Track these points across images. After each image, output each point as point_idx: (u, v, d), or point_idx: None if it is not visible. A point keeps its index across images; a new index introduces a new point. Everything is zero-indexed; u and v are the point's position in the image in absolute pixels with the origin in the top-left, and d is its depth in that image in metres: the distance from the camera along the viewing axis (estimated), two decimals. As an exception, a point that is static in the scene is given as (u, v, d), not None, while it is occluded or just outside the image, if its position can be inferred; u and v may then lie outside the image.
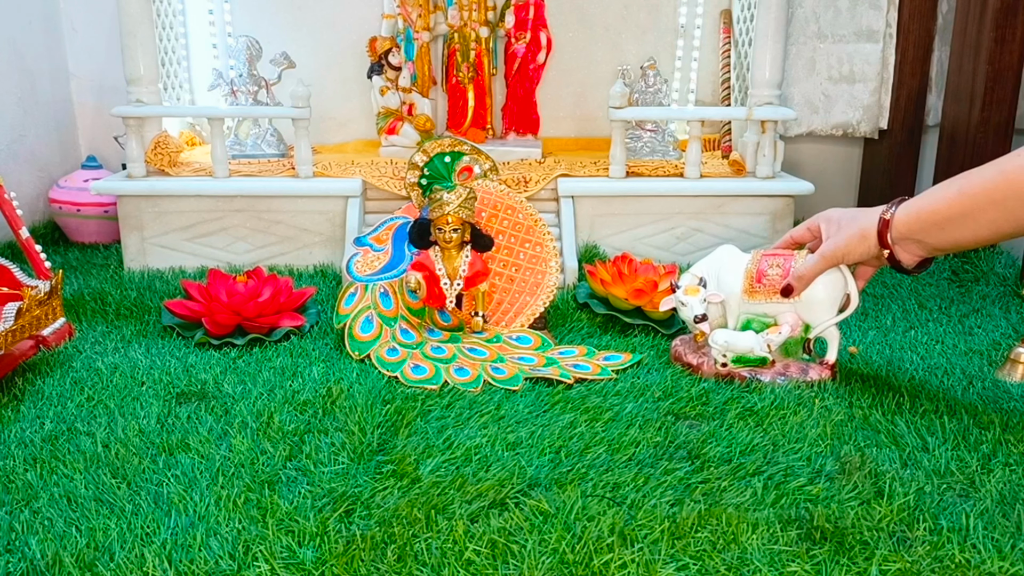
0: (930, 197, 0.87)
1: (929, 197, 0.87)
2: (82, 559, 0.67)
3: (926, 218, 0.86)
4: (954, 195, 0.83)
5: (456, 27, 1.72)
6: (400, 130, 1.66)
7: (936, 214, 0.85)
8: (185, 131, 1.81)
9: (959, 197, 0.83)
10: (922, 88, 1.86)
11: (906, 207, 0.89)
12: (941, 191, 0.86)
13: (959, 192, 0.83)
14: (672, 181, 1.55)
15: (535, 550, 0.68)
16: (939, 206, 0.85)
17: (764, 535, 0.71)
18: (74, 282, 1.43)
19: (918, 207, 0.88)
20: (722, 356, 1.04)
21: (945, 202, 0.84)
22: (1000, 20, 1.55)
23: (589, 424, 0.92)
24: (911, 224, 0.88)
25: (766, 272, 1.03)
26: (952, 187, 0.84)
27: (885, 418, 0.94)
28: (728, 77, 1.78)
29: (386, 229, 1.30)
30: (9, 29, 1.69)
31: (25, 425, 0.91)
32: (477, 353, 1.14)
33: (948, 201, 0.84)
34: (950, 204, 0.84)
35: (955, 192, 0.83)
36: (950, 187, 0.85)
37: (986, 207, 0.81)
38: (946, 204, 0.84)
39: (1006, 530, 0.72)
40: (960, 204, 0.83)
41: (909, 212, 0.88)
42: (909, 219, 0.88)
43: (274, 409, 0.94)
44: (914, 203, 0.88)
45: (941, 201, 0.85)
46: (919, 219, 0.87)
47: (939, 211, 0.85)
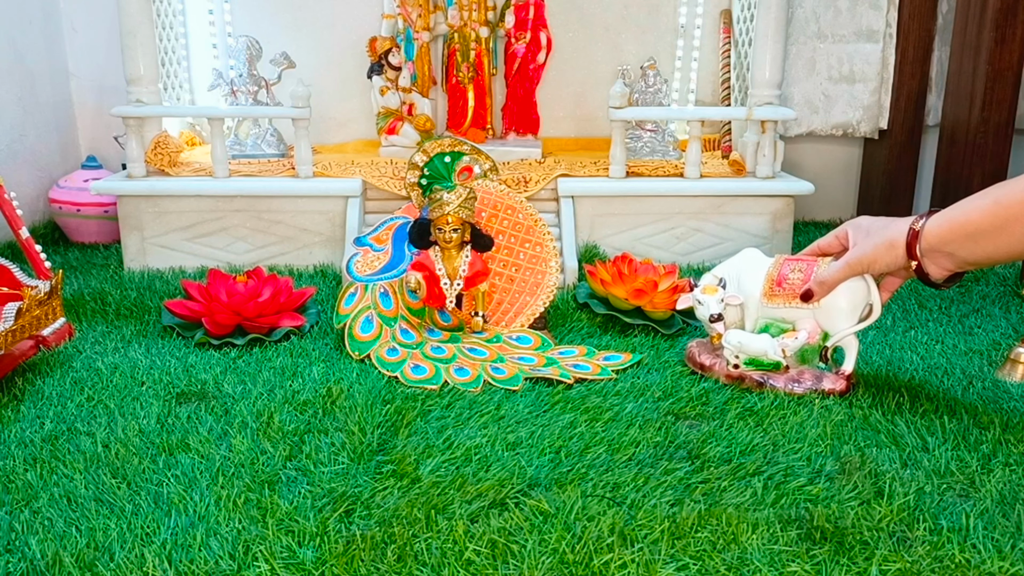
0: (963, 208, 0.83)
1: (962, 208, 0.83)
2: (82, 559, 0.67)
3: (958, 229, 0.83)
4: (989, 205, 0.80)
5: (456, 27, 1.72)
6: (400, 130, 1.66)
7: (969, 225, 0.82)
8: (185, 131, 1.81)
9: (994, 207, 0.79)
10: (922, 88, 1.86)
11: (937, 218, 0.85)
12: (975, 202, 0.82)
13: (995, 203, 0.79)
14: (672, 181, 1.55)
15: (535, 550, 0.68)
16: (972, 216, 0.81)
17: (764, 535, 0.71)
18: (74, 282, 1.43)
19: (950, 217, 0.84)
20: (734, 357, 1.03)
21: (979, 212, 0.81)
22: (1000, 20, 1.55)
23: (589, 424, 0.92)
24: (942, 235, 0.84)
25: (787, 276, 1.02)
26: (987, 198, 0.80)
27: (885, 418, 0.94)
28: (728, 77, 1.78)
29: (386, 229, 1.30)
30: (9, 29, 1.69)
31: (25, 425, 0.91)
32: (477, 353, 1.14)
33: (982, 211, 0.80)
34: (984, 215, 0.80)
35: (990, 203, 0.80)
36: (985, 198, 0.81)
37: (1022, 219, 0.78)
38: (980, 215, 0.80)
39: (1006, 530, 0.72)
40: (995, 215, 0.79)
41: (940, 223, 0.85)
42: (940, 230, 0.84)
43: (274, 409, 0.94)
44: (946, 214, 0.85)
45: (975, 211, 0.81)
46: (951, 230, 0.83)
47: (972, 222, 0.81)
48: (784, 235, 1.57)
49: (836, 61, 1.87)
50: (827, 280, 0.95)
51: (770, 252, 1.47)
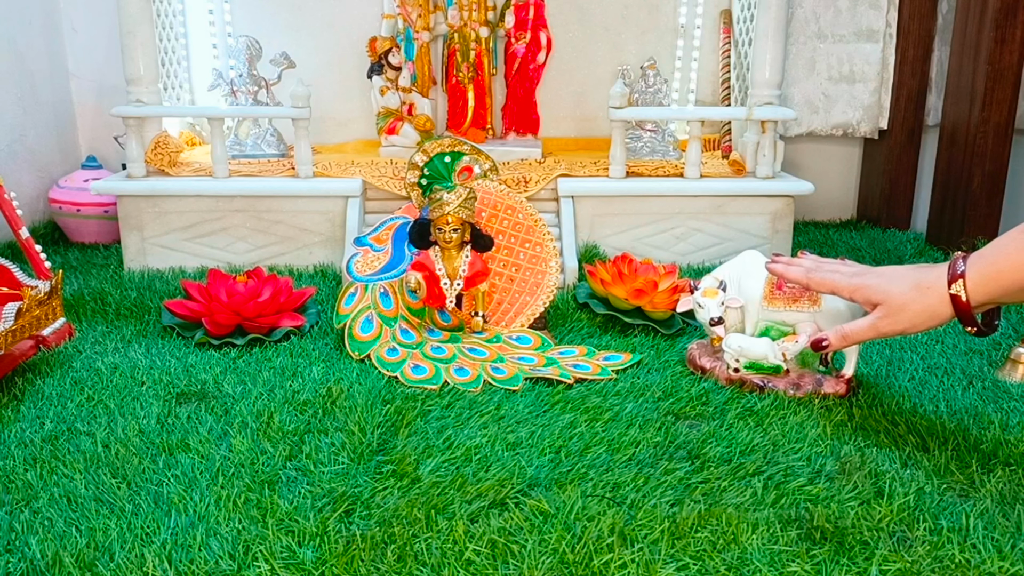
0: (1008, 260, 0.77)
1: (1007, 260, 0.77)
2: (82, 559, 0.67)
3: (1008, 285, 0.77)
4: None
5: (456, 27, 1.72)
6: (400, 130, 1.66)
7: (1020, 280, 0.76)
8: (185, 131, 1.81)
9: None
10: (922, 88, 1.86)
11: (980, 276, 0.78)
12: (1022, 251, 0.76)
13: None
14: (672, 181, 1.55)
15: (535, 550, 0.68)
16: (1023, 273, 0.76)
17: (764, 535, 0.71)
18: (74, 282, 1.43)
19: (997, 274, 0.77)
20: (735, 361, 1.03)
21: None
22: (1000, 20, 1.55)
23: (589, 424, 0.92)
24: (991, 293, 0.78)
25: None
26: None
27: (885, 418, 0.94)
28: (728, 77, 1.78)
29: (386, 229, 1.30)
30: (9, 29, 1.69)
31: (25, 425, 0.91)
32: (477, 353, 1.14)
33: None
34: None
35: None
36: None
37: None
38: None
39: (1006, 530, 0.72)
40: None
41: (987, 280, 0.78)
42: (989, 289, 0.78)
43: (274, 409, 0.94)
44: (988, 268, 0.78)
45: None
46: (999, 286, 0.77)
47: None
48: (784, 235, 1.57)
49: (836, 61, 1.87)
50: (850, 336, 0.89)
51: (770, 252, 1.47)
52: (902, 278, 0.83)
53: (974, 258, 0.79)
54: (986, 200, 1.62)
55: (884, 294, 0.84)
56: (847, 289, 0.87)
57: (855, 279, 0.86)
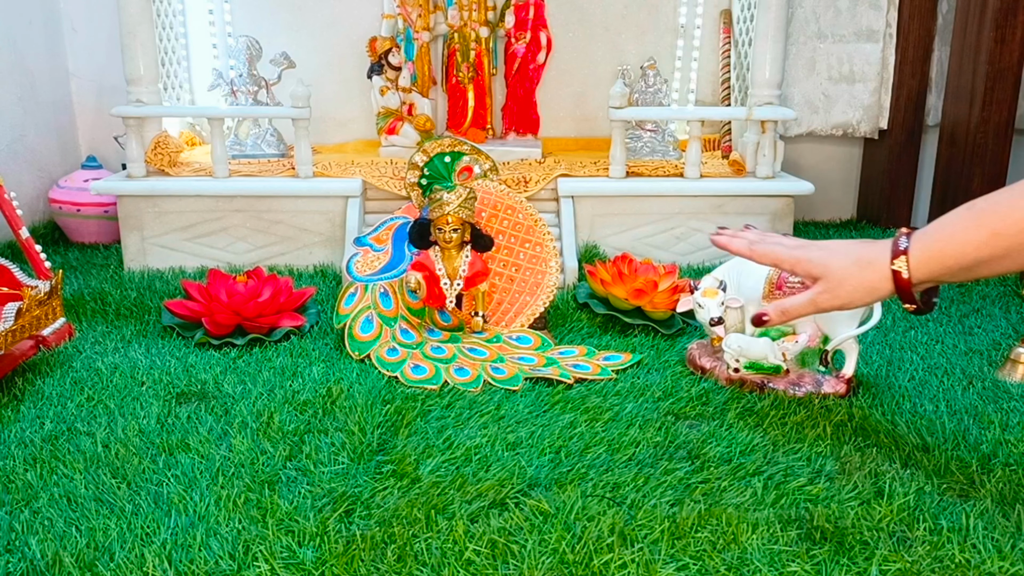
0: (952, 239, 0.75)
1: (951, 239, 0.75)
2: (82, 559, 0.67)
3: (951, 264, 0.76)
4: (986, 238, 0.73)
5: (456, 27, 1.72)
6: (400, 130, 1.66)
7: (964, 258, 0.75)
8: (185, 131, 1.81)
9: (993, 239, 0.73)
10: (922, 88, 1.86)
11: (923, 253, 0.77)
12: (968, 232, 0.74)
13: (993, 234, 0.73)
14: (672, 181, 1.55)
15: (535, 550, 0.68)
16: (967, 250, 0.74)
17: (764, 535, 0.71)
18: (74, 282, 1.43)
19: (940, 253, 0.76)
20: (735, 361, 1.03)
21: (975, 246, 0.74)
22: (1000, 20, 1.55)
23: (589, 424, 0.92)
24: (933, 271, 0.77)
25: (787, 279, 1.02)
26: (983, 228, 0.74)
27: (885, 418, 0.94)
28: (728, 77, 1.78)
29: (386, 229, 1.30)
30: (9, 29, 1.69)
31: (25, 425, 0.91)
32: (477, 353, 1.14)
33: (979, 245, 0.74)
34: (981, 248, 0.73)
35: (987, 235, 0.73)
36: (979, 227, 0.74)
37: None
38: (976, 248, 0.74)
39: (1006, 530, 0.72)
40: (993, 247, 0.73)
41: (930, 257, 0.76)
42: (931, 267, 0.76)
43: (274, 409, 0.94)
44: (932, 246, 0.76)
45: (970, 245, 0.74)
46: (942, 264, 0.76)
47: (967, 255, 0.74)
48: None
49: (836, 61, 1.87)
50: (789, 310, 0.86)
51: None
52: (844, 252, 0.82)
53: (918, 235, 0.77)
54: (986, 200, 1.61)
55: (824, 267, 0.82)
56: (788, 261, 0.85)
57: (797, 251, 0.85)
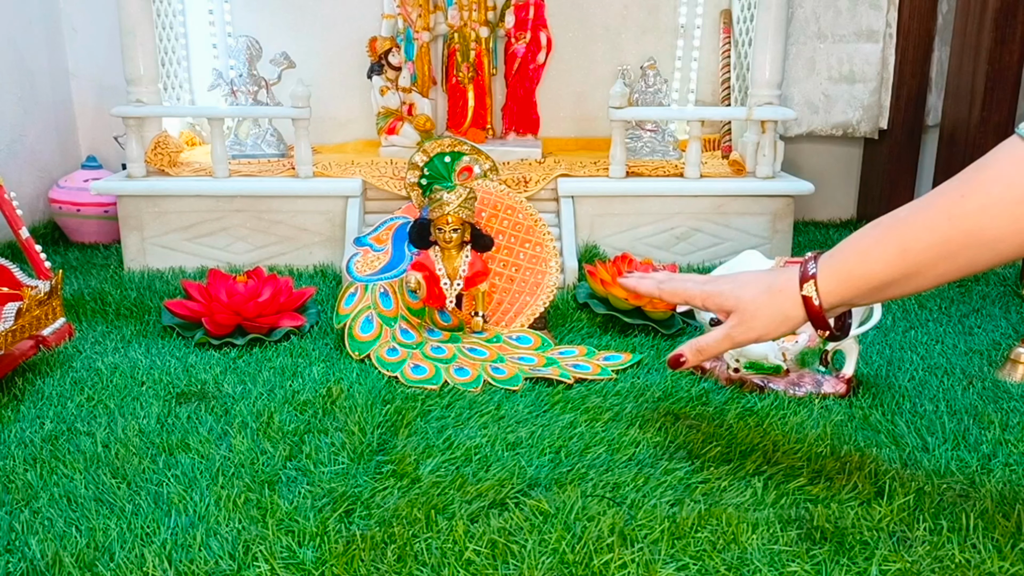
0: (860, 259, 0.73)
1: (858, 259, 0.73)
2: (82, 559, 0.67)
3: (861, 285, 0.73)
4: (894, 256, 0.70)
5: (456, 27, 1.72)
6: (400, 130, 1.66)
7: (873, 278, 0.72)
8: (185, 131, 1.81)
9: (902, 257, 0.70)
10: (922, 88, 1.86)
11: (832, 277, 0.74)
12: (875, 252, 0.72)
13: (901, 252, 0.70)
14: (672, 181, 1.55)
15: (535, 550, 0.68)
16: (876, 269, 0.71)
17: (764, 535, 0.71)
18: (74, 282, 1.43)
19: (849, 274, 0.73)
20: (735, 361, 1.03)
21: (883, 264, 0.71)
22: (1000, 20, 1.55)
23: (589, 424, 0.92)
24: (844, 294, 0.74)
25: None
26: (889, 246, 0.71)
27: (885, 418, 0.94)
28: (728, 77, 1.78)
29: (386, 229, 1.30)
30: (9, 29, 1.69)
31: (25, 425, 0.91)
32: (477, 353, 1.14)
33: (887, 263, 0.71)
34: (890, 266, 0.71)
35: (896, 253, 0.70)
36: (887, 246, 0.71)
37: (936, 263, 0.69)
38: (885, 266, 0.71)
39: (1006, 530, 0.72)
40: (903, 265, 0.70)
41: (840, 280, 0.74)
42: (842, 290, 0.74)
43: (274, 409, 0.94)
44: (840, 268, 0.74)
45: (878, 264, 0.71)
46: (852, 286, 0.73)
47: (876, 275, 0.72)
48: (784, 235, 1.57)
49: (836, 61, 1.87)
50: (706, 349, 0.83)
51: (770, 252, 1.47)
52: (754, 283, 0.79)
53: (825, 258, 0.75)
54: (986, 200, 1.61)
55: (736, 300, 0.79)
56: (699, 297, 0.82)
57: (707, 286, 0.82)
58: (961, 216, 0.66)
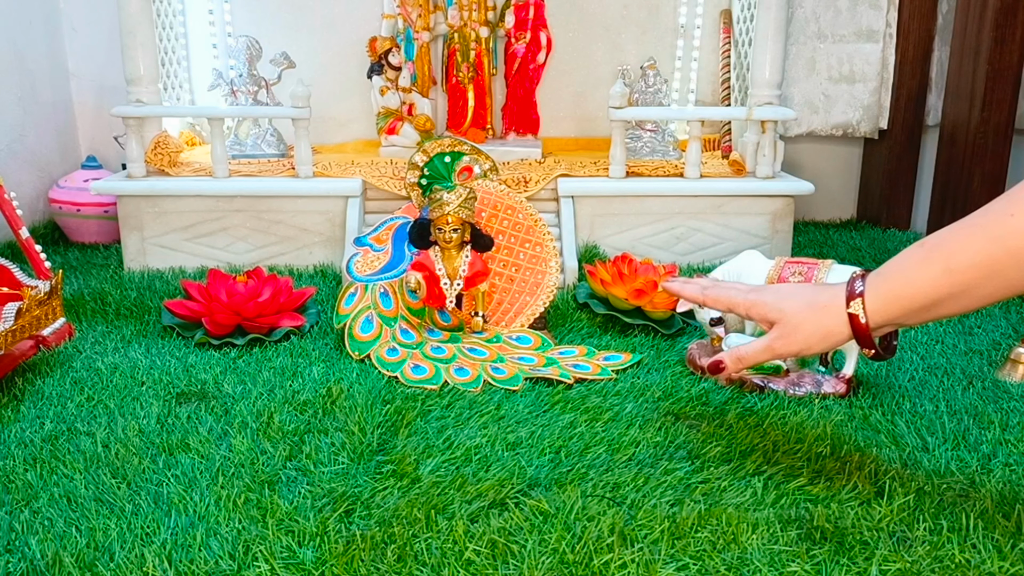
0: (906, 278, 0.73)
1: (904, 278, 0.73)
2: (82, 559, 0.67)
3: (907, 304, 0.73)
4: (939, 275, 0.71)
5: (456, 27, 1.72)
6: (400, 130, 1.66)
7: (919, 298, 0.72)
8: (185, 131, 1.81)
9: (947, 277, 0.70)
10: (922, 88, 1.86)
11: (879, 295, 0.74)
12: (920, 271, 0.72)
13: (947, 272, 0.70)
14: (672, 181, 1.55)
15: (535, 550, 0.68)
16: (922, 289, 0.72)
17: (764, 535, 0.71)
18: (74, 282, 1.43)
19: (895, 294, 0.73)
20: None
21: (929, 284, 0.71)
22: (1000, 20, 1.55)
23: (589, 424, 0.92)
24: (891, 314, 0.74)
25: (787, 279, 1.02)
26: (934, 265, 0.71)
27: (885, 418, 0.94)
28: (728, 77, 1.78)
29: (386, 229, 1.30)
30: (9, 29, 1.69)
31: (25, 425, 0.91)
32: (477, 353, 1.14)
33: (933, 283, 0.71)
34: (936, 287, 0.71)
35: (940, 272, 0.71)
36: (931, 265, 0.71)
37: (982, 282, 0.69)
38: (931, 287, 0.71)
39: (1006, 530, 0.72)
40: (949, 285, 0.70)
41: (887, 299, 0.74)
42: (888, 309, 0.74)
43: (274, 409, 0.94)
44: (886, 287, 0.74)
45: (924, 283, 0.72)
46: (899, 306, 0.73)
47: (923, 294, 0.72)
48: (784, 235, 1.57)
49: (836, 61, 1.87)
50: (745, 358, 0.84)
51: (770, 252, 1.47)
52: (798, 296, 0.80)
53: (873, 277, 0.75)
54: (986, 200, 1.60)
55: (779, 312, 0.79)
56: (743, 305, 0.83)
57: (751, 295, 0.83)
58: (1008, 235, 0.66)
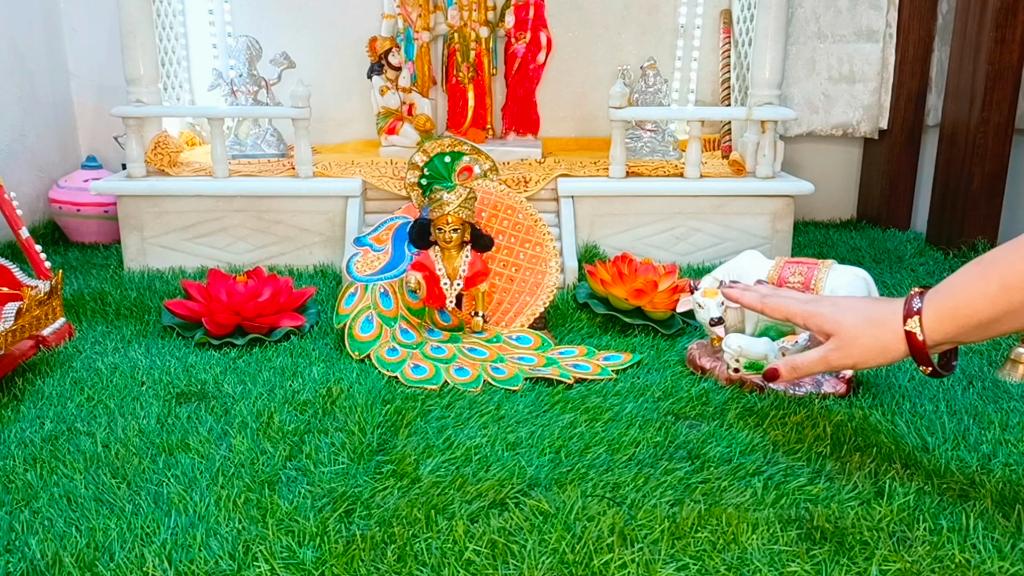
0: (963, 296, 0.73)
1: (962, 296, 0.73)
2: (82, 559, 0.67)
3: (965, 322, 0.73)
4: (997, 292, 0.71)
5: (456, 27, 1.72)
6: (400, 130, 1.66)
7: (977, 315, 0.72)
8: (185, 131, 1.81)
9: (1004, 294, 0.70)
10: (922, 88, 1.86)
11: (936, 313, 0.74)
12: (977, 288, 0.72)
13: (1004, 288, 0.70)
14: (672, 181, 1.55)
15: (535, 550, 0.68)
16: (980, 306, 0.72)
17: (764, 535, 0.71)
18: (74, 282, 1.43)
19: (952, 311, 0.73)
20: (735, 361, 1.03)
21: (987, 301, 0.72)
22: (1000, 20, 1.55)
23: (589, 424, 0.92)
24: (949, 331, 0.74)
25: (787, 279, 1.02)
26: (991, 282, 0.71)
27: (885, 418, 0.94)
28: (728, 77, 1.78)
29: (386, 229, 1.30)
30: (9, 29, 1.69)
31: (25, 425, 0.91)
32: (477, 353, 1.14)
33: (991, 300, 0.71)
34: (993, 304, 0.71)
35: (998, 289, 0.71)
36: (988, 282, 0.72)
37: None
38: (988, 304, 0.71)
39: (1006, 530, 0.72)
40: (1007, 302, 0.70)
41: (944, 317, 0.74)
42: (946, 327, 0.74)
43: (274, 409, 0.94)
44: (944, 305, 0.74)
45: (981, 300, 0.72)
46: (957, 324, 0.73)
47: (981, 311, 0.72)
48: (784, 235, 1.57)
49: (836, 61, 1.87)
50: (800, 368, 0.84)
51: (770, 252, 1.47)
52: (856, 309, 0.80)
53: (931, 294, 0.75)
54: (986, 200, 1.62)
55: (836, 324, 0.80)
56: (801, 315, 0.84)
57: (809, 305, 0.84)
58: None
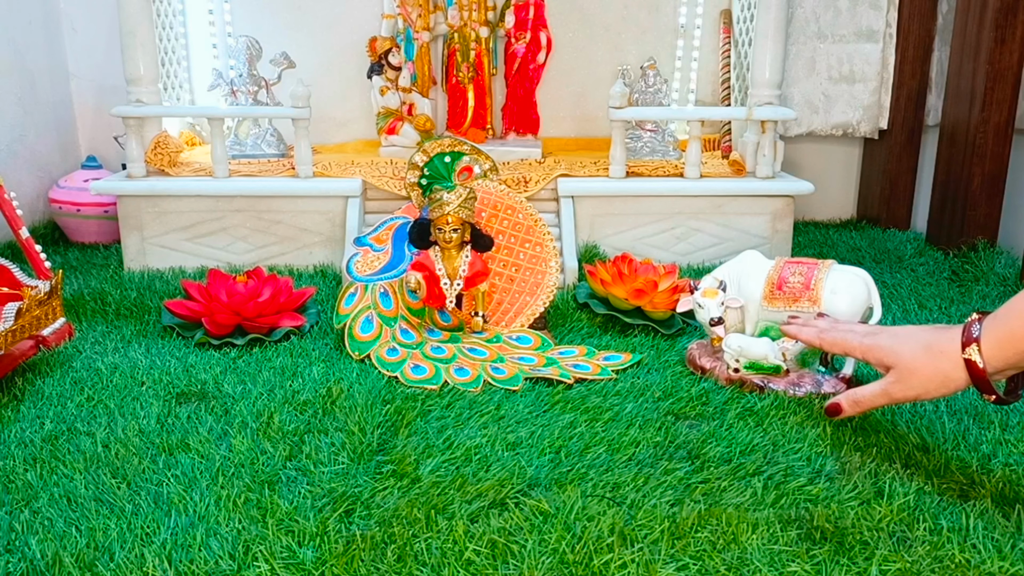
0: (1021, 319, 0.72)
1: (1019, 319, 0.72)
2: (82, 559, 0.67)
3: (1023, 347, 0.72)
4: None
5: (456, 27, 1.72)
6: (400, 130, 1.66)
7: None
8: (185, 131, 1.81)
9: None
10: (922, 88, 1.86)
11: (995, 340, 0.73)
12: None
13: None
14: (672, 181, 1.55)
15: (535, 550, 0.68)
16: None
17: (764, 535, 0.71)
18: (74, 282, 1.43)
19: (1011, 337, 0.72)
20: (735, 361, 1.03)
21: None
22: (1000, 20, 1.55)
23: (589, 424, 0.92)
24: (1010, 359, 0.73)
25: (787, 280, 1.02)
26: None
27: (885, 418, 0.94)
28: (728, 77, 1.78)
29: (386, 229, 1.30)
30: (9, 29, 1.69)
31: (25, 425, 0.91)
32: (477, 353, 1.14)
33: None
34: None
35: None
36: None
37: None
38: None
39: (1006, 530, 0.72)
40: None
41: (1003, 344, 0.73)
42: (1007, 354, 0.73)
43: (274, 409, 0.94)
44: (1002, 331, 0.73)
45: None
46: (1017, 350, 0.72)
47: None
48: (784, 235, 1.57)
49: (836, 61, 1.87)
50: (862, 402, 0.84)
51: (770, 252, 1.47)
52: (914, 339, 0.79)
53: (989, 321, 0.74)
54: (986, 200, 1.62)
55: (895, 356, 0.79)
56: (859, 349, 0.84)
57: (867, 339, 0.83)
58: None
